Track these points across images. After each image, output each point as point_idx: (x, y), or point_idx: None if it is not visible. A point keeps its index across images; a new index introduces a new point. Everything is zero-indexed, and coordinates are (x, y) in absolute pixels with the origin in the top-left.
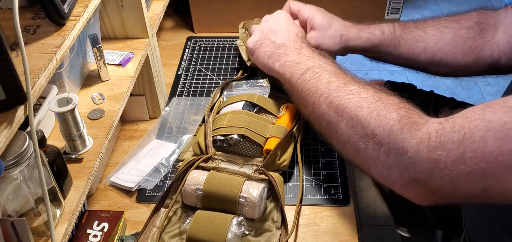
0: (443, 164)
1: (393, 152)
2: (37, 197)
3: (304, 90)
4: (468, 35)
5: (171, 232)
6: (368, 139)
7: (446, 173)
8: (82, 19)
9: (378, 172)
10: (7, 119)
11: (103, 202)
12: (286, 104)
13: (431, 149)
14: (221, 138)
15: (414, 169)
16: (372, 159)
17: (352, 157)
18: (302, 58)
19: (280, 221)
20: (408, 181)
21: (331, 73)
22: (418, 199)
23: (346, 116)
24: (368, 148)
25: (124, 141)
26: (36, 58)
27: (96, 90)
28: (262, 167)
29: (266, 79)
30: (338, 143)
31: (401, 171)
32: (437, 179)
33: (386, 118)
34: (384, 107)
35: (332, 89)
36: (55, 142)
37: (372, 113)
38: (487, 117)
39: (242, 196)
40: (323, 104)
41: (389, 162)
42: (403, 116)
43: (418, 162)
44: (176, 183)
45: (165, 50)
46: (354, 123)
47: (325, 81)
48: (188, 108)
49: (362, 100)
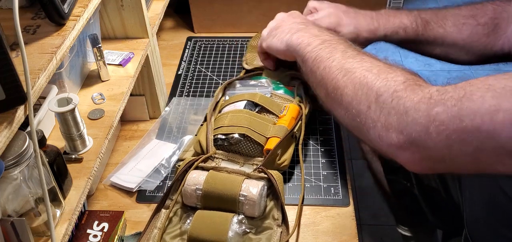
0: (440, 120)
1: (394, 110)
2: (37, 197)
3: (318, 57)
4: (483, 31)
5: (172, 233)
6: (371, 99)
7: (442, 130)
8: (82, 19)
9: (376, 134)
10: (7, 120)
11: (103, 202)
12: (288, 105)
13: (431, 105)
14: (222, 136)
15: (412, 127)
16: (372, 120)
17: (351, 120)
18: (322, 33)
19: (280, 218)
20: (404, 142)
21: (347, 46)
22: (413, 164)
23: (354, 78)
24: (370, 108)
25: (124, 141)
26: (36, 58)
27: (96, 90)
28: (261, 165)
29: (268, 79)
30: (340, 106)
31: (399, 130)
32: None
33: (392, 79)
34: (392, 72)
35: (346, 56)
36: (55, 142)
37: (380, 76)
38: (489, 82)
39: (242, 194)
40: (334, 69)
41: (388, 121)
42: (409, 79)
43: (417, 119)
44: (176, 183)
45: (165, 50)
46: (361, 84)
47: (340, 50)
48: (188, 108)
49: (373, 65)
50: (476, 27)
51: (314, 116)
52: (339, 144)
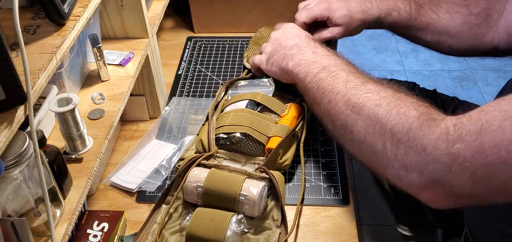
0: (463, 157)
1: (412, 150)
2: (37, 197)
3: (320, 89)
4: (475, 21)
5: (171, 229)
6: (386, 138)
7: (466, 167)
8: (82, 19)
9: (395, 173)
10: (7, 120)
11: (103, 202)
12: (290, 104)
13: (450, 143)
14: (224, 135)
15: (433, 167)
16: (389, 159)
17: (367, 158)
18: (318, 57)
19: (280, 219)
20: (426, 181)
21: (348, 72)
22: (436, 202)
23: (364, 114)
24: (386, 147)
25: (124, 141)
26: (36, 58)
27: (96, 90)
28: (263, 165)
29: (270, 78)
30: (353, 143)
31: (419, 170)
32: (457, 175)
33: (405, 115)
34: (403, 106)
35: (349, 88)
36: (55, 142)
37: (392, 112)
38: (503, 107)
39: (242, 194)
40: (340, 103)
41: (407, 161)
42: (422, 114)
43: (437, 158)
44: (177, 179)
45: (165, 50)
46: (372, 121)
47: (342, 79)
48: (188, 108)
49: (381, 98)
50: (469, 16)
51: (314, 116)
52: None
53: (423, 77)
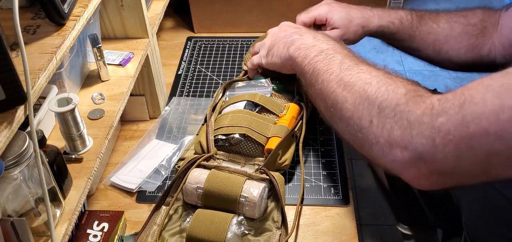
0: (446, 130)
1: (397, 125)
2: (37, 197)
3: (316, 70)
4: (473, 32)
5: (171, 230)
6: (373, 113)
7: (449, 139)
8: (82, 19)
9: (379, 149)
10: (7, 120)
11: (103, 202)
12: (288, 104)
13: (434, 117)
14: (223, 137)
15: (417, 141)
16: (374, 135)
17: (353, 136)
18: (317, 41)
19: (280, 221)
20: (410, 157)
21: (344, 56)
22: (420, 180)
23: (354, 92)
24: (372, 123)
25: (124, 141)
26: (36, 58)
27: (96, 90)
28: (263, 166)
29: (268, 79)
30: (341, 121)
31: (404, 145)
32: (441, 148)
33: (394, 92)
34: (392, 83)
35: (343, 68)
36: (55, 142)
37: (381, 89)
38: (486, 83)
39: (243, 195)
40: (332, 82)
41: (391, 137)
42: (410, 90)
43: (422, 132)
44: (177, 181)
45: (165, 50)
46: (362, 99)
47: (337, 61)
48: (188, 108)
49: (372, 77)
50: (467, 26)
51: (314, 116)
52: (339, 144)
53: (423, 77)
